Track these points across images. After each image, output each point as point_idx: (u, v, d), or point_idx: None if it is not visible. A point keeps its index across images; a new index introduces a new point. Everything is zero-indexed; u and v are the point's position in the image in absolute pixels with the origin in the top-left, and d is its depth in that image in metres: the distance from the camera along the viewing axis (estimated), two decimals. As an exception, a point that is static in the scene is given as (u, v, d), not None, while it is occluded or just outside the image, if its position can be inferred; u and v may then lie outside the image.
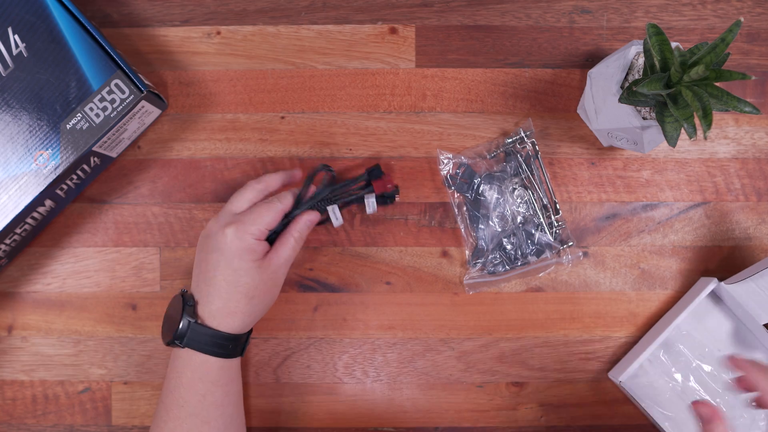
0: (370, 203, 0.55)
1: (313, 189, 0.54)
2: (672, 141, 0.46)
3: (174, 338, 0.48)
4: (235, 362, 0.52)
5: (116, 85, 0.52)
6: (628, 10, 0.59)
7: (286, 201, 0.52)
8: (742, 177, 0.58)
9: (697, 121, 0.57)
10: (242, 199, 0.51)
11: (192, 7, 0.59)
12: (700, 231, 0.58)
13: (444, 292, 0.58)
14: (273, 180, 0.53)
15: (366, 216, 0.58)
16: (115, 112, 0.52)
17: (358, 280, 0.58)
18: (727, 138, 0.58)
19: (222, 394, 0.51)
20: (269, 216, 0.50)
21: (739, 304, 0.54)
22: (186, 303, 0.49)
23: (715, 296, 0.56)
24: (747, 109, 0.42)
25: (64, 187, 0.54)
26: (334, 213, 0.54)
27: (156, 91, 0.55)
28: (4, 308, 0.58)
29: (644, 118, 0.48)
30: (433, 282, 0.58)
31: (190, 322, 0.49)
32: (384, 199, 0.56)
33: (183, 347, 0.49)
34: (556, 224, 0.57)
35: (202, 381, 0.50)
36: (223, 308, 0.49)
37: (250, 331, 0.54)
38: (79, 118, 0.52)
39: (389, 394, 0.58)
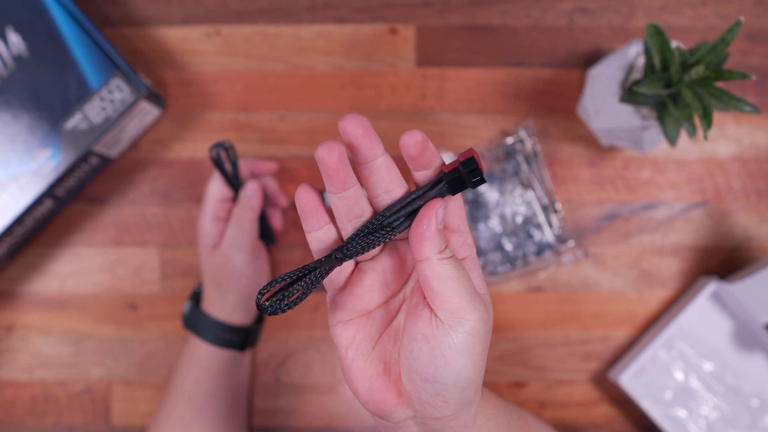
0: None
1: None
2: (672, 141, 0.46)
3: (182, 319, 0.53)
4: (230, 356, 0.53)
5: (116, 85, 0.52)
6: (628, 10, 0.58)
7: (252, 211, 0.52)
8: (742, 177, 0.58)
9: (697, 121, 0.57)
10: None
11: (192, 6, 0.59)
12: (700, 231, 0.58)
13: (444, 292, 0.58)
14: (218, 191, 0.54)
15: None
16: (115, 112, 0.52)
17: (358, 280, 0.58)
18: (727, 138, 0.58)
19: (214, 384, 0.51)
20: (214, 190, 0.52)
21: (739, 304, 0.54)
22: (196, 288, 0.55)
23: (715, 296, 0.56)
24: (747, 109, 0.42)
25: (64, 187, 0.54)
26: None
27: (156, 91, 0.55)
28: (4, 308, 0.58)
29: (644, 118, 0.48)
30: (433, 282, 0.58)
31: (191, 304, 0.53)
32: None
33: (186, 329, 0.53)
34: (556, 224, 0.57)
35: (195, 365, 0.51)
36: (206, 296, 0.53)
37: (252, 330, 0.54)
38: (79, 118, 0.52)
39: (389, 394, 0.58)
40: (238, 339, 0.53)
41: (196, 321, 0.52)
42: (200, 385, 0.51)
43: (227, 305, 0.52)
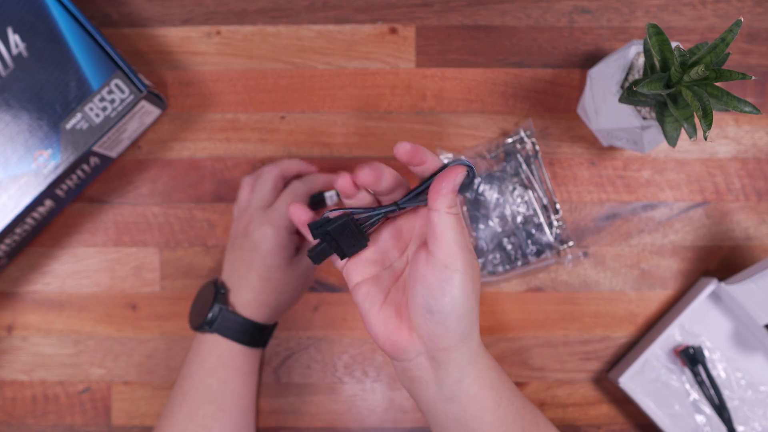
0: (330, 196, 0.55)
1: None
2: (672, 141, 0.46)
3: (205, 323, 0.51)
4: (257, 354, 0.53)
5: (116, 85, 0.52)
6: (628, 10, 0.59)
7: (311, 184, 0.54)
8: (742, 177, 0.58)
9: (697, 121, 0.57)
10: (264, 191, 0.53)
11: (192, 7, 0.59)
12: (700, 231, 0.58)
13: (444, 292, 0.58)
14: (290, 165, 0.55)
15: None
16: (115, 112, 0.52)
17: (358, 280, 0.58)
18: (727, 138, 0.58)
19: (241, 383, 0.52)
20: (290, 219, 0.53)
21: (739, 305, 0.53)
22: (218, 290, 0.52)
23: (715, 296, 0.56)
24: (747, 109, 0.42)
25: (64, 187, 0.54)
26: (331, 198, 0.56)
27: (156, 91, 0.55)
28: (4, 308, 0.58)
29: (644, 118, 0.48)
30: (433, 282, 0.58)
31: (221, 308, 0.51)
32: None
33: (212, 332, 0.51)
34: (556, 224, 0.57)
35: (225, 367, 0.51)
36: (254, 300, 0.52)
37: (274, 326, 0.55)
38: (79, 118, 0.52)
39: (389, 394, 0.58)
40: (267, 336, 0.54)
41: (230, 323, 0.51)
42: (228, 385, 0.51)
43: (278, 309, 0.53)
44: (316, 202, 0.57)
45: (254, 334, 0.52)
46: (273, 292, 0.52)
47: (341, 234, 0.38)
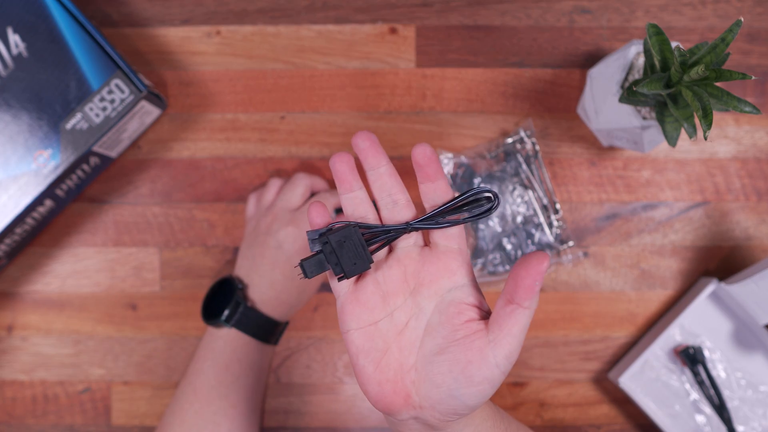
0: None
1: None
2: (672, 141, 0.46)
3: (223, 318, 0.51)
4: (270, 352, 0.55)
5: (116, 85, 0.52)
6: (628, 10, 0.59)
7: (338, 198, 0.54)
8: (742, 177, 0.58)
9: (697, 121, 0.57)
10: (295, 195, 0.54)
11: (192, 7, 0.59)
12: (700, 231, 0.58)
13: (444, 292, 0.58)
14: (318, 182, 0.56)
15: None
16: (114, 112, 0.52)
17: (358, 280, 0.58)
18: (727, 138, 0.58)
19: (254, 379, 0.52)
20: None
21: (739, 305, 0.53)
22: (236, 286, 0.52)
23: (715, 296, 0.56)
24: (747, 109, 0.42)
25: (64, 187, 0.54)
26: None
27: (156, 91, 0.55)
28: (4, 308, 0.58)
29: (644, 118, 0.48)
30: (433, 282, 0.58)
31: (241, 303, 0.51)
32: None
33: (230, 327, 0.51)
34: (556, 224, 0.57)
35: (240, 363, 0.51)
36: (275, 298, 0.52)
37: (286, 325, 0.55)
38: (79, 118, 0.52)
39: (389, 394, 0.58)
40: (280, 333, 0.55)
41: (249, 320, 0.52)
42: (242, 381, 0.51)
43: (295, 307, 0.54)
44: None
45: (271, 331, 0.53)
46: (295, 291, 0.53)
47: (342, 246, 0.34)
